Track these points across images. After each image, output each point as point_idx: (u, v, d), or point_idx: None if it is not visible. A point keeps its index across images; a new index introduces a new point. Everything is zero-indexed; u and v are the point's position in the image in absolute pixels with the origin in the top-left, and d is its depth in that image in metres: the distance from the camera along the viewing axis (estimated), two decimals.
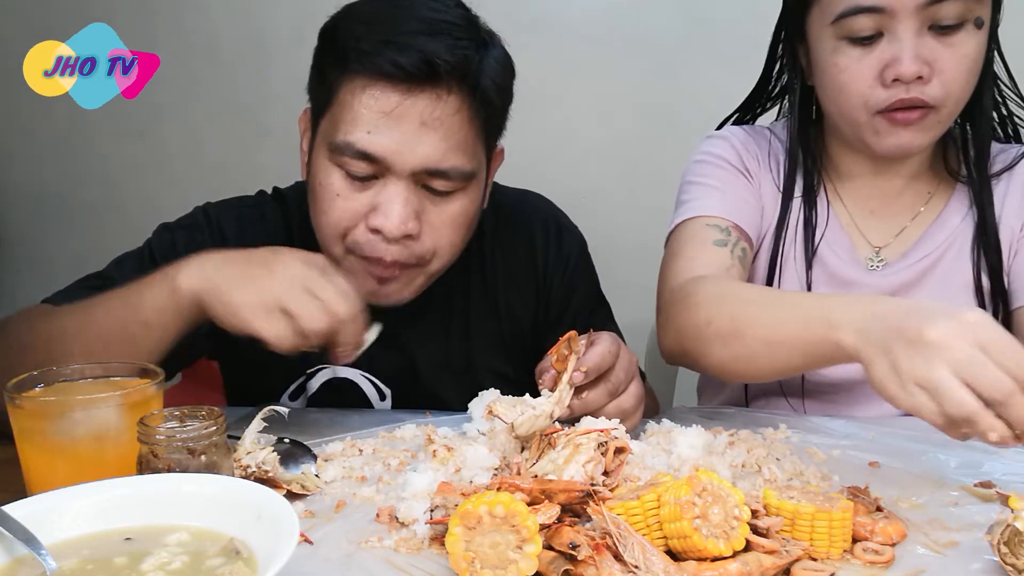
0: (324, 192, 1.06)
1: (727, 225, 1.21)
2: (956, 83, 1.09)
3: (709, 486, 0.70)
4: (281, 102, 2.61)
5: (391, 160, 1.02)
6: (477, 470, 0.88)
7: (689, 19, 2.39)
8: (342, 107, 1.03)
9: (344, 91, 1.03)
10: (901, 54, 1.07)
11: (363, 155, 1.02)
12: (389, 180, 1.04)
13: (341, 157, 1.04)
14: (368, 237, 1.06)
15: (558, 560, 0.68)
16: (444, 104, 1.02)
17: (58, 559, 0.61)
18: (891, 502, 0.85)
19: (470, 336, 1.27)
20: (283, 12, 2.55)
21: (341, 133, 1.03)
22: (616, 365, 0.98)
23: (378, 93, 1.01)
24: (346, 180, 1.05)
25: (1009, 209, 1.22)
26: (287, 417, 0.91)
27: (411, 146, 1.02)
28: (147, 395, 0.80)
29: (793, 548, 0.71)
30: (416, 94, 1.01)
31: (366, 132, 1.01)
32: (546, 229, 1.30)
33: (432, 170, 1.03)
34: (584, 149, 2.49)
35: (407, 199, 1.04)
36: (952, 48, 1.08)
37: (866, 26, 1.09)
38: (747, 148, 1.30)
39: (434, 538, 0.77)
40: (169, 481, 0.69)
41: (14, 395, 0.77)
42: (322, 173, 1.06)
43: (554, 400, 0.92)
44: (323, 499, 0.88)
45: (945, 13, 1.06)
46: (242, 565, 0.60)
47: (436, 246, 1.09)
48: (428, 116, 1.01)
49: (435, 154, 1.03)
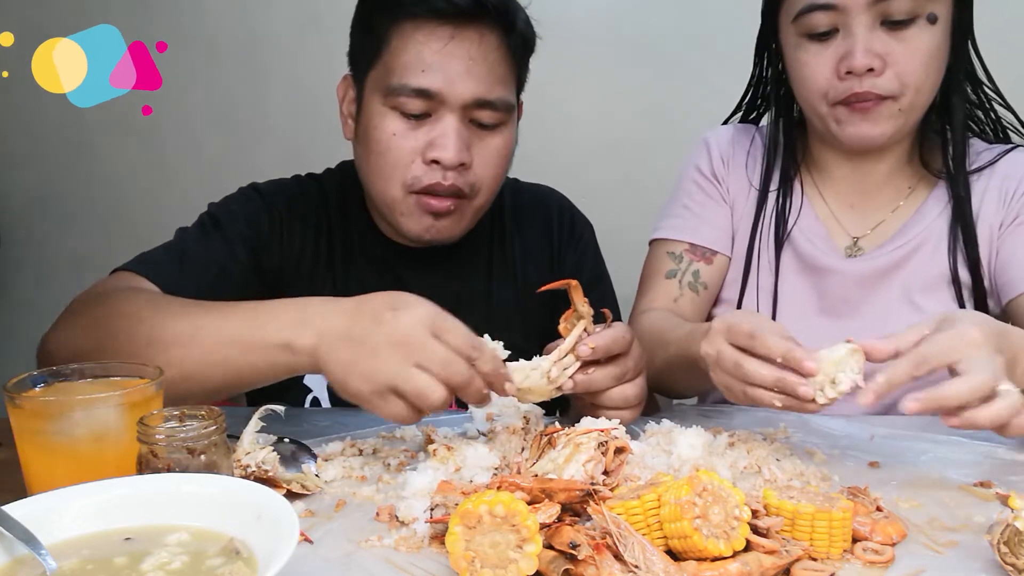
0: (381, 135, 1.14)
1: (681, 250, 1.35)
2: (911, 75, 1.14)
3: (709, 486, 0.70)
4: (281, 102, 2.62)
5: (446, 94, 1.11)
6: (477, 469, 0.88)
7: (689, 19, 2.39)
8: (395, 53, 1.13)
9: (395, 37, 1.13)
10: (853, 48, 1.13)
11: (420, 92, 1.11)
12: (442, 115, 1.13)
13: (398, 98, 1.12)
14: (426, 169, 1.14)
15: (558, 560, 0.68)
16: (488, 41, 1.13)
17: (58, 559, 0.61)
18: (891, 502, 0.85)
19: (491, 308, 1.33)
20: (283, 12, 2.56)
21: (396, 76, 1.12)
22: (628, 353, 0.99)
23: (430, 31, 1.11)
24: (401, 120, 1.14)
25: (988, 206, 1.24)
26: (284, 416, 0.91)
27: (463, 79, 1.11)
28: (147, 395, 0.80)
29: (793, 548, 0.71)
30: (464, 30, 1.12)
31: (421, 71, 1.11)
32: (560, 213, 1.41)
33: (482, 100, 1.13)
34: (584, 149, 2.49)
35: (459, 131, 1.13)
36: (904, 42, 1.13)
37: (822, 22, 1.15)
38: (723, 148, 1.37)
39: (434, 537, 0.77)
40: (169, 481, 0.69)
41: (14, 395, 0.77)
42: (377, 119, 1.15)
43: (552, 358, 0.93)
44: (323, 499, 0.88)
45: (895, 8, 1.12)
46: (242, 565, 0.60)
47: (484, 177, 1.18)
48: (475, 52, 1.12)
49: (483, 86, 1.13)
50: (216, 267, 1.16)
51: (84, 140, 2.71)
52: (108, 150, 2.71)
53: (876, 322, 1.23)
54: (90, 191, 2.75)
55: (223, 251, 1.18)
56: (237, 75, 2.61)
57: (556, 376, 0.93)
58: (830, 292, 1.28)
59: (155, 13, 2.58)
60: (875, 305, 1.26)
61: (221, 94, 2.63)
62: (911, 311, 1.23)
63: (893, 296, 1.25)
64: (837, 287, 1.27)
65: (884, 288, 1.26)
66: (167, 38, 2.67)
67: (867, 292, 1.26)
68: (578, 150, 2.49)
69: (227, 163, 2.61)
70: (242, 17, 2.58)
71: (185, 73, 2.61)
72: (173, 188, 2.68)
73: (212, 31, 2.60)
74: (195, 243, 1.18)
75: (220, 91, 2.63)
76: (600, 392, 0.98)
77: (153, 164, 2.72)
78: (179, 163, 2.70)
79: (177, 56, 2.60)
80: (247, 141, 2.62)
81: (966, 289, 1.24)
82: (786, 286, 1.30)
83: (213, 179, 2.43)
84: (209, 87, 2.63)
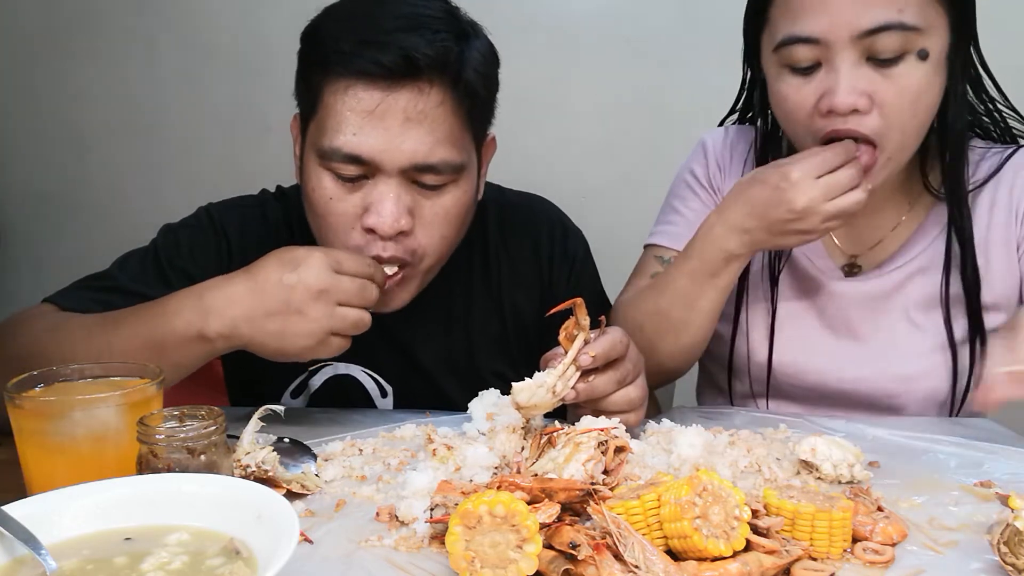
0: (317, 197, 1.07)
1: (671, 256, 1.29)
2: (897, 116, 1.05)
3: (710, 486, 0.70)
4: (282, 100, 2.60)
5: (379, 159, 1.02)
6: (477, 469, 0.88)
7: (689, 19, 2.39)
8: (327, 111, 1.04)
9: (327, 94, 1.04)
10: (836, 86, 1.04)
11: (351, 158, 1.03)
12: (379, 179, 1.04)
13: (330, 162, 1.04)
14: (364, 238, 1.06)
15: (558, 559, 0.68)
16: (427, 98, 1.02)
17: (58, 559, 0.61)
18: (891, 502, 0.85)
19: (472, 335, 1.28)
20: (283, 11, 2.55)
21: (327, 138, 1.03)
22: (626, 356, 0.99)
23: (360, 93, 1.01)
24: (337, 183, 1.06)
25: (997, 220, 1.20)
26: (284, 415, 0.91)
27: (397, 143, 1.02)
28: (147, 395, 0.80)
29: (793, 548, 0.71)
30: (398, 90, 1.01)
31: (352, 135, 1.02)
32: (551, 230, 1.32)
33: (421, 165, 1.03)
34: (584, 149, 2.48)
35: (398, 196, 1.04)
36: (891, 80, 1.04)
37: (804, 56, 1.06)
38: (720, 154, 1.33)
39: (434, 537, 0.77)
40: (169, 481, 0.69)
41: (14, 395, 0.77)
42: (314, 178, 1.07)
43: (557, 373, 0.93)
44: (323, 498, 0.88)
45: (883, 46, 1.02)
46: (242, 565, 0.60)
47: (429, 241, 1.09)
48: (412, 111, 1.02)
49: (422, 148, 1.03)
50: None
51: (84, 140, 2.71)
52: (108, 150, 2.71)
53: (877, 343, 1.22)
54: (90, 191, 2.75)
55: (157, 290, 1.09)
56: (237, 75, 2.61)
57: (560, 389, 0.93)
58: (829, 312, 1.25)
59: (155, 13, 2.58)
60: (876, 326, 1.23)
61: (221, 94, 2.63)
62: (913, 331, 1.21)
63: (895, 317, 1.22)
64: (836, 307, 1.24)
65: (885, 309, 1.22)
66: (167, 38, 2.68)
67: (867, 313, 1.23)
68: (578, 150, 2.48)
69: (227, 163, 2.61)
70: (242, 17, 2.58)
71: (185, 73, 2.61)
72: (173, 188, 2.67)
73: (212, 31, 2.60)
74: (131, 276, 1.14)
75: (220, 91, 2.63)
76: (603, 398, 0.98)
77: (153, 164, 2.71)
78: (179, 163, 2.70)
79: (177, 56, 2.60)
80: (247, 141, 2.61)
81: (958, 308, 1.20)
82: (784, 304, 1.27)
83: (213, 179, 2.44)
84: (209, 87, 2.63)
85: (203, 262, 1.17)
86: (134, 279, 1.14)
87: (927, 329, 1.21)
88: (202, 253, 1.18)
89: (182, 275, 1.14)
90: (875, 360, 1.21)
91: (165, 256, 1.16)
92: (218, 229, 1.21)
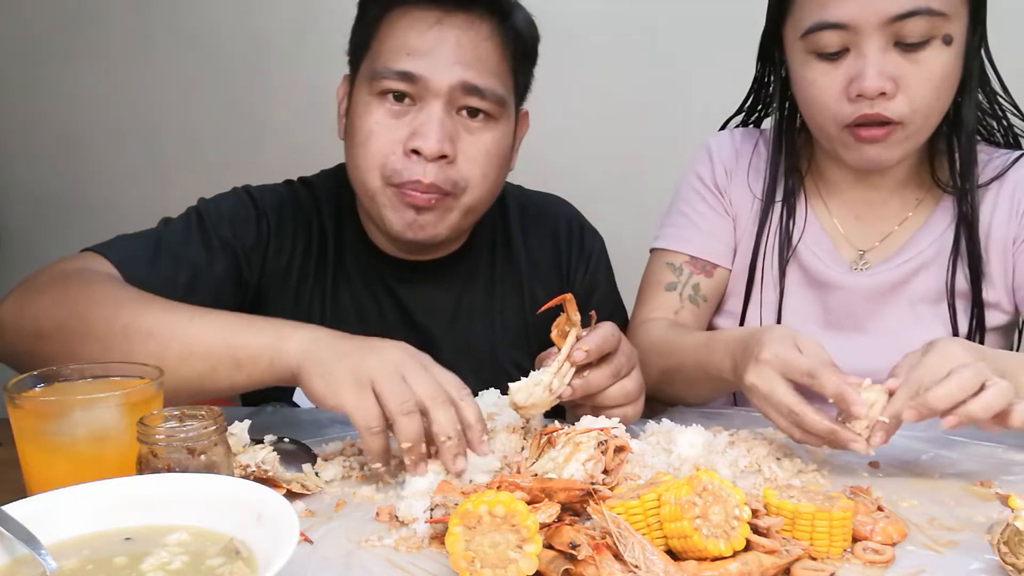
0: (364, 124, 1.12)
1: (682, 262, 1.31)
2: (922, 99, 1.09)
3: (710, 486, 0.70)
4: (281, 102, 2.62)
5: (429, 77, 1.08)
6: (477, 472, 0.88)
7: (689, 19, 2.39)
8: (382, 40, 1.12)
9: (384, 25, 1.12)
10: (864, 70, 1.07)
11: (403, 75, 1.09)
12: (426, 104, 1.10)
13: (382, 82, 1.10)
14: (406, 161, 1.10)
15: (558, 559, 0.68)
16: (477, 30, 1.11)
17: (58, 559, 0.61)
18: (891, 502, 0.85)
19: (495, 324, 1.30)
20: (283, 12, 2.56)
21: (382, 61, 1.11)
22: (619, 349, 0.99)
23: (416, 15, 1.10)
24: (386, 112, 1.11)
25: (998, 221, 1.22)
26: (284, 415, 0.91)
27: (448, 64, 1.09)
28: (147, 395, 0.80)
29: (793, 548, 0.71)
30: (451, 18, 1.10)
31: (406, 54, 1.09)
32: (569, 227, 1.36)
33: (468, 85, 1.09)
34: (584, 149, 2.49)
35: (442, 121, 1.10)
36: (918, 64, 1.08)
37: (832, 42, 1.09)
38: (726, 157, 1.34)
39: (434, 537, 0.77)
40: (169, 481, 0.69)
41: (14, 395, 0.77)
42: (362, 108, 1.13)
43: (552, 371, 0.93)
44: (323, 498, 0.88)
45: (910, 30, 1.06)
46: (242, 565, 0.60)
47: (469, 175, 1.12)
48: (463, 39, 1.10)
49: (470, 71, 1.10)
50: (190, 270, 1.11)
51: (84, 140, 2.71)
52: (108, 150, 2.71)
53: (883, 336, 1.23)
54: (90, 191, 2.75)
55: (201, 255, 1.13)
56: (237, 75, 2.61)
57: (557, 387, 0.93)
58: (836, 306, 1.25)
59: (155, 13, 2.58)
60: (883, 319, 1.23)
61: (221, 94, 2.63)
62: (918, 325, 1.22)
63: (901, 310, 1.23)
64: (843, 302, 1.25)
65: (892, 302, 1.23)
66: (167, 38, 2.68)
67: (874, 307, 1.24)
68: (577, 150, 2.49)
69: (227, 163, 2.61)
70: (242, 17, 2.58)
71: (185, 73, 2.61)
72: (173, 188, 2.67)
73: (212, 31, 2.60)
74: (174, 240, 1.13)
75: (220, 91, 2.63)
76: (599, 393, 0.98)
77: (153, 164, 2.72)
78: (179, 163, 2.70)
79: (177, 56, 2.60)
80: (247, 141, 2.62)
81: (963, 301, 1.21)
82: (791, 300, 1.28)
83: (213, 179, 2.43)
84: (209, 87, 2.63)
85: (243, 236, 1.18)
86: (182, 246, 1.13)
87: (933, 322, 1.22)
88: (243, 226, 1.19)
89: (224, 245, 1.16)
90: (881, 353, 1.21)
91: (210, 222, 1.17)
92: (259, 207, 1.23)
